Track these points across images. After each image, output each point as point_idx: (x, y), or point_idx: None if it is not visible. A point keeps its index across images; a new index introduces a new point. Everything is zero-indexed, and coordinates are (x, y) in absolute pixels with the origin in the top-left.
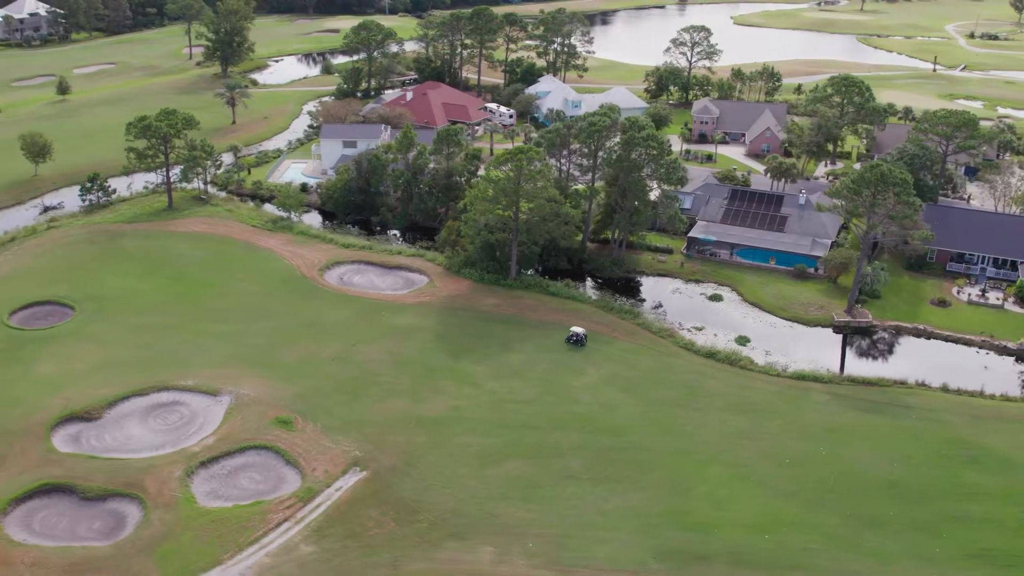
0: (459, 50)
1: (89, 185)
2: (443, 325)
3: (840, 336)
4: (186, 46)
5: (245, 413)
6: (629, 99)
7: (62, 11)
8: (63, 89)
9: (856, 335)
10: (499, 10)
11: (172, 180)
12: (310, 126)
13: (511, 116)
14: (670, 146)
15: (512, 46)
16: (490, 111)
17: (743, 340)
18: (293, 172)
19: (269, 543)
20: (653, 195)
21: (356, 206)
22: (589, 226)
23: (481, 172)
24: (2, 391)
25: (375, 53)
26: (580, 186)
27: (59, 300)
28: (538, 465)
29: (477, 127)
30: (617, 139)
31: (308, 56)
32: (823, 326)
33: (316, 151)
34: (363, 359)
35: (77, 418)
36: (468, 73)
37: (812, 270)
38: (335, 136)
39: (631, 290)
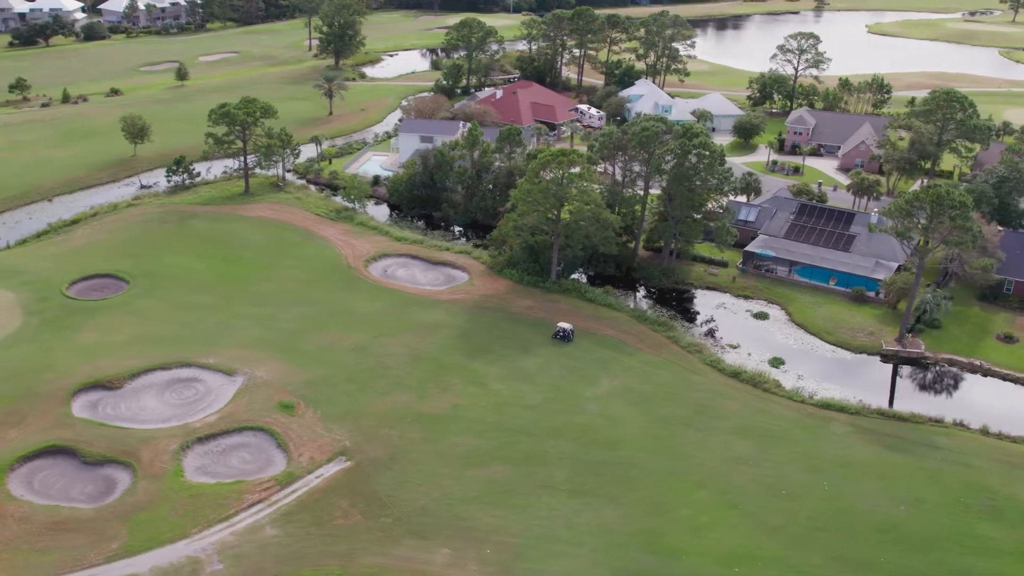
0: (560, 50)
1: (175, 167)
2: (470, 323)
3: (886, 366)
4: (307, 38)
5: (253, 394)
6: (723, 105)
7: (199, 1)
8: (182, 75)
9: (904, 366)
10: (605, 11)
11: (250, 166)
12: (400, 120)
13: (600, 118)
14: (722, 154)
15: (615, 48)
16: (580, 112)
17: (777, 362)
18: (372, 164)
19: (238, 522)
20: (713, 205)
21: (420, 200)
22: (641, 233)
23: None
24: (41, 356)
25: (475, 51)
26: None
27: (117, 274)
28: (521, 472)
29: (563, 127)
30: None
31: (428, 51)
32: (869, 353)
33: (394, 145)
34: (381, 351)
35: (100, 386)
36: (571, 73)
37: (873, 294)
38: (413, 131)
39: (675, 301)
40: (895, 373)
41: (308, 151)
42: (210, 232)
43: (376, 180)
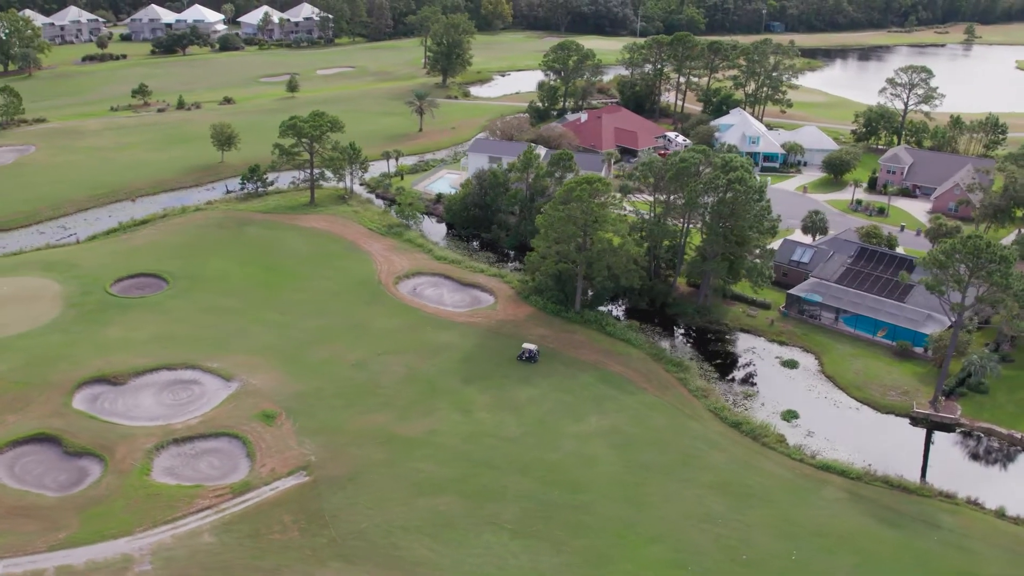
0: (659, 76)
1: (249, 175)
2: (477, 348)
3: (914, 430)
4: (424, 56)
5: (241, 401)
6: (818, 139)
7: (331, 16)
8: (292, 87)
9: (935, 431)
10: (714, 37)
11: (323, 178)
12: (488, 139)
13: (686, 147)
14: (761, 190)
15: (717, 75)
16: (667, 140)
17: (790, 415)
18: (442, 183)
19: (181, 526)
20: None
21: (474, 220)
22: (680, 268)
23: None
24: (64, 347)
25: (572, 74)
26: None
27: (160, 274)
28: (470, 505)
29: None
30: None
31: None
32: (898, 414)
33: (464, 164)
34: (379, 368)
35: (105, 381)
36: (675, 99)
37: (920, 350)
38: (482, 151)
39: (704, 342)
40: (929, 439)
41: (385, 166)
42: (260, 239)
43: (438, 198)
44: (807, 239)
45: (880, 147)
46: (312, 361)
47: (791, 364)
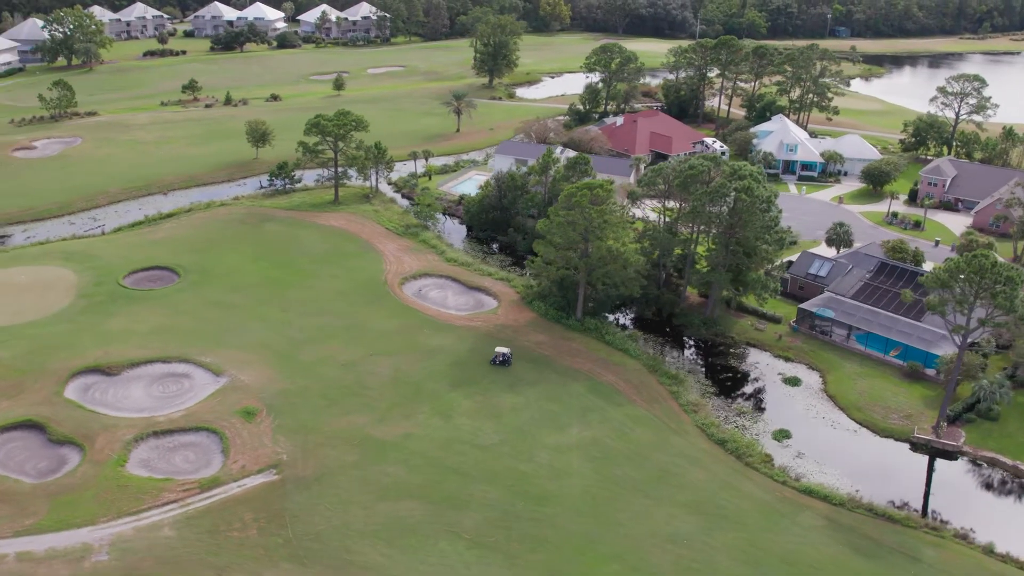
0: (703, 80)
1: (277, 172)
2: (471, 352)
3: (914, 456)
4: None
5: (226, 396)
6: (859, 148)
7: (389, 15)
8: (338, 85)
9: (936, 458)
10: (768, 42)
11: (348, 176)
12: (521, 141)
13: (723, 153)
14: (769, 200)
15: (764, 81)
16: (705, 146)
17: (782, 434)
18: (469, 184)
19: (145, 519)
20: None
21: (492, 223)
22: (689, 278)
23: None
24: (67, 336)
25: (614, 76)
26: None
27: (173, 268)
28: (432, 513)
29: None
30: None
31: (584, 74)
32: (897, 439)
33: (491, 165)
34: (368, 370)
35: (99, 371)
36: (715, 101)
37: (933, 372)
38: (509, 153)
39: (706, 354)
40: (931, 467)
41: (412, 166)
42: (277, 236)
43: (460, 200)
44: (832, 252)
45: (928, 158)
46: (303, 360)
47: (793, 381)
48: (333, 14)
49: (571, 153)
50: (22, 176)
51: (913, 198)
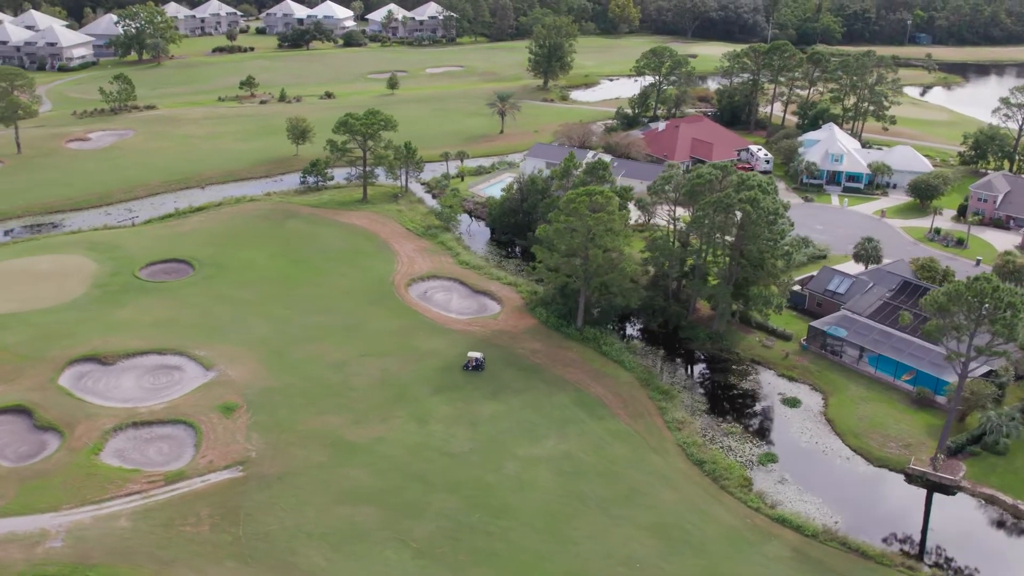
0: (755, 86)
1: (310, 169)
2: (461, 357)
3: (908, 488)
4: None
5: (210, 390)
6: (910, 160)
7: (455, 15)
8: (392, 84)
9: (931, 491)
10: (832, 48)
11: (368, 175)
12: (558, 144)
13: (767, 161)
14: (775, 212)
15: (819, 88)
16: (750, 154)
17: (768, 458)
18: (500, 186)
19: (105, 508)
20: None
21: (513, 226)
22: (697, 290)
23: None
24: (73, 324)
25: (664, 80)
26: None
27: (189, 260)
28: (386, 519)
29: None
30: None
31: (633, 78)
32: (892, 469)
33: (523, 168)
34: (355, 370)
35: (96, 360)
36: (776, 110)
37: (944, 400)
38: (540, 156)
39: (706, 370)
40: (929, 501)
41: (457, 166)
42: (298, 232)
43: (486, 202)
44: (859, 268)
45: (986, 172)
46: (294, 358)
47: (792, 402)
48: (400, 13)
49: (605, 158)
50: (71, 167)
51: (963, 214)
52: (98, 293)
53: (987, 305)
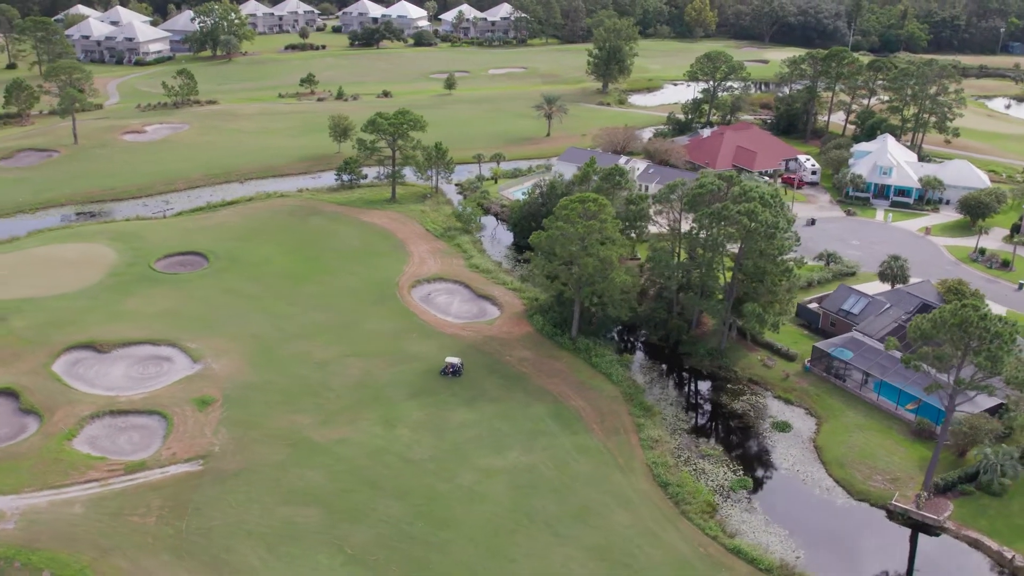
0: (812, 94)
1: (344, 167)
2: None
3: (887, 525)
4: None
5: (191, 383)
6: (966, 175)
7: (527, 16)
8: (449, 84)
9: (913, 531)
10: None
11: (397, 174)
12: (596, 149)
13: (814, 172)
14: (774, 226)
15: (880, 96)
16: (798, 163)
17: (741, 484)
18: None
19: (63, 494)
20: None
21: (532, 230)
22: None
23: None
24: (80, 312)
25: (718, 86)
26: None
27: (205, 253)
28: (328, 523)
29: (766, 177)
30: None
31: (685, 83)
32: (872, 504)
33: (554, 172)
34: (338, 370)
35: (91, 348)
36: (835, 118)
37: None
38: (572, 160)
39: (700, 387)
40: (909, 540)
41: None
42: (318, 230)
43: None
44: (885, 287)
45: None
46: (281, 355)
47: (782, 427)
48: (471, 13)
49: (639, 164)
50: (120, 158)
51: (1017, 233)
52: (112, 282)
53: (972, 334)
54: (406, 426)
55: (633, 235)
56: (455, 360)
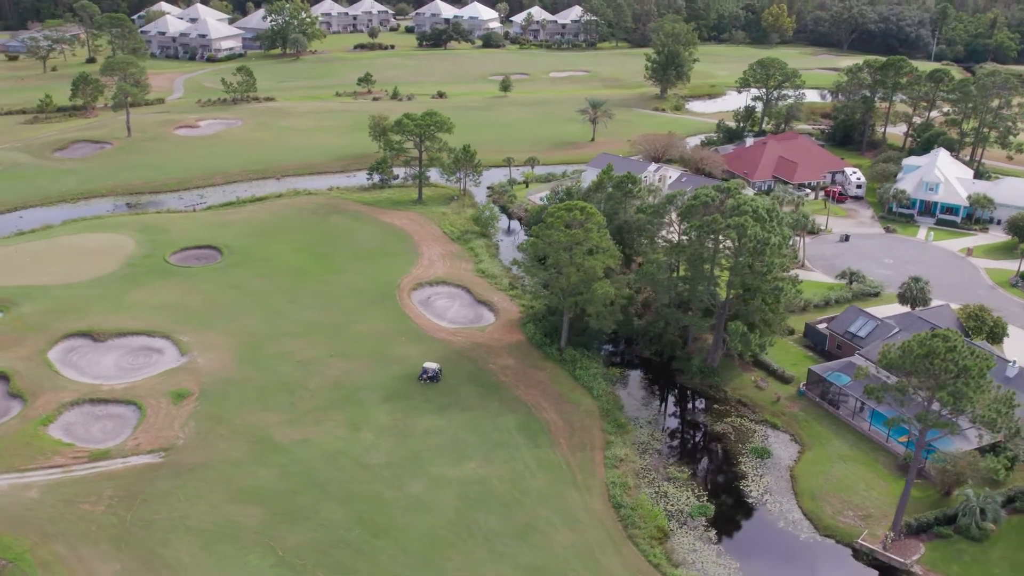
0: (869, 104)
1: (375, 166)
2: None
3: (851, 565)
4: None
5: (173, 376)
6: (1020, 193)
7: (597, 19)
8: (505, 87)
9: (879, 572)
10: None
11: (422, 175)
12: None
13: (859, 186)
14: (763, 242)
15: (941, 108)
16: (844, 176)
17: (701, 511)
18: None
19: (26, 478)
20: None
21: None
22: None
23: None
24: (87, 301)
25: (772, 94)
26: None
27: (220, 248)
28: (268, 523)
29: (807, 189)
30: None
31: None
32: (838, 541)
33: (583, 178)
34: (316, 370)
35: (89, 336)
36: (898, 130)
37: (930, 468)
38: (599, 166)
39: (685, 405)
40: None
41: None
42: (335, 229)
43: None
44: (904, 309)
45: None
46: (268, 352)
47: (762, 453)
48: (541, 16)
49: (672, 172)
50: (169, 152)
51: None
52: (125, 272)
53: (939, 367)
54: (370, 430)
55: (645, 242)
56: (433, 365)
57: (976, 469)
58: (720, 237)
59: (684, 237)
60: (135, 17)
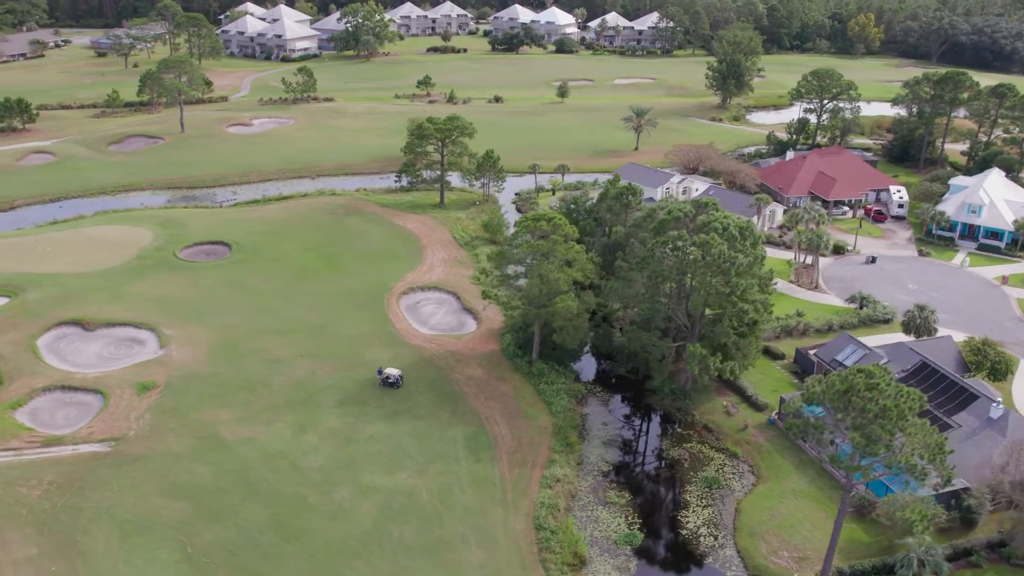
0: (928, 119)
1: (403, 169)
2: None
3: None
4: None
5: (145, 368)
6: None
7: (674, 25)
8: (562, 93)
9: None
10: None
11: (443, 179)
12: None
13: (901, 205)
14: (732, 262)
15: (1004, 125)
16: (889, 194)
17: (628, 540)
18: None
19: None
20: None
21: None
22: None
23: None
24: (90, 291)
25: (827, 106)
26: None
27: (231, 244)
28: (188, 519)
29: (844, 207)
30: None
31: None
32: None
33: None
34: (284, 370)
35: (79, 324)
36: (954, 144)
37: (883, 512)
38: (628, 177)
39: (648, 427)
40: None
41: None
42: (348, 229)
43: None
44: (908, 339)
45: None
46: (243, 349)
47: (712, 483)
48: (616, 21)
49: (701, 184)
50: (218, 148)
51: None
52: (134, 265)
53: (856, 405)
54: (316, 433)
55: (619, 255)
56: (394, 371)
57: (924, 516)
58: (681, 255)
59: (646, 254)
60: (222, 16)
